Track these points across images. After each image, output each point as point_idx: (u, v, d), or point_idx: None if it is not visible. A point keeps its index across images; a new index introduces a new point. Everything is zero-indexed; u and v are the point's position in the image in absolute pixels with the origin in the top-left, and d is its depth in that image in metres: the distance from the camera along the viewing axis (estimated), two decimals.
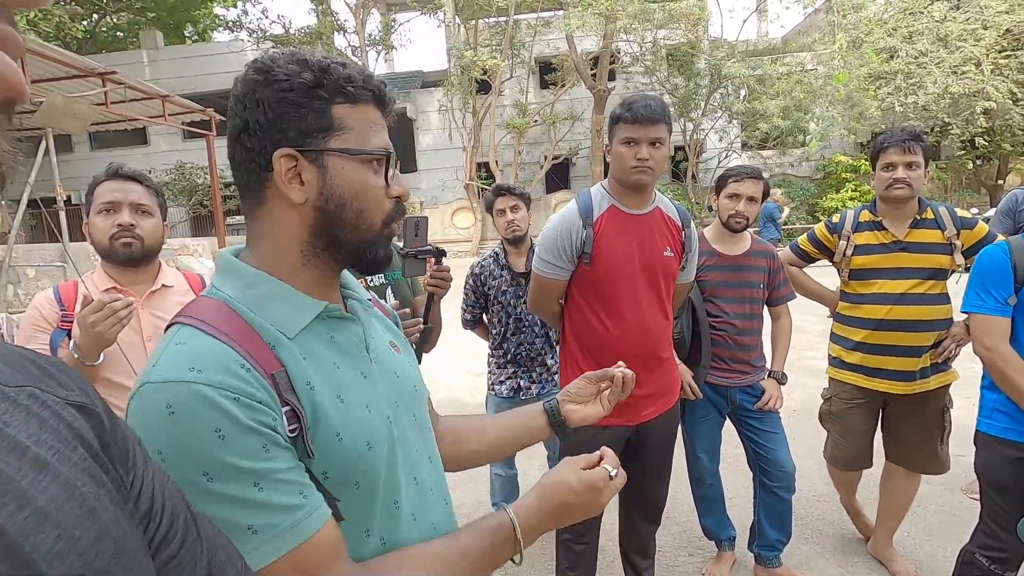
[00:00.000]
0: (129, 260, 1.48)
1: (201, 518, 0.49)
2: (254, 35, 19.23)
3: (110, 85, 7.23)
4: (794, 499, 2.33)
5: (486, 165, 19.09)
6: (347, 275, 0.83)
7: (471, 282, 2.64)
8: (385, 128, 0.75)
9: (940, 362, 2.17)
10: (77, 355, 1.32)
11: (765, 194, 2.26)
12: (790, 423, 2.66)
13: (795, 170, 17.50)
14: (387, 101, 0.75)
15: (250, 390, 0.60)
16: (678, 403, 2.03)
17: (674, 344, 2.05)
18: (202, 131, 10.53)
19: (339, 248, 0.73)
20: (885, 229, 2.18)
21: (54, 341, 1.43)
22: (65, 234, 6.56)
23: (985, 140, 14.88)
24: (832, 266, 2.37)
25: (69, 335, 1.42)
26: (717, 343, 2.26)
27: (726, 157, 17.10)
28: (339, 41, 19.77)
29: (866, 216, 2.24)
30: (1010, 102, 13.56)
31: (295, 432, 0.64)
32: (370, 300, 0.88)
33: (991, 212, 9.57)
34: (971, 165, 16.32)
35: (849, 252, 2.24)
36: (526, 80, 18.99)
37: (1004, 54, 13.64)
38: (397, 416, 0.77)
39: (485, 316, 2.71)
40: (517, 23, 18.66)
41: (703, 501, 2.46)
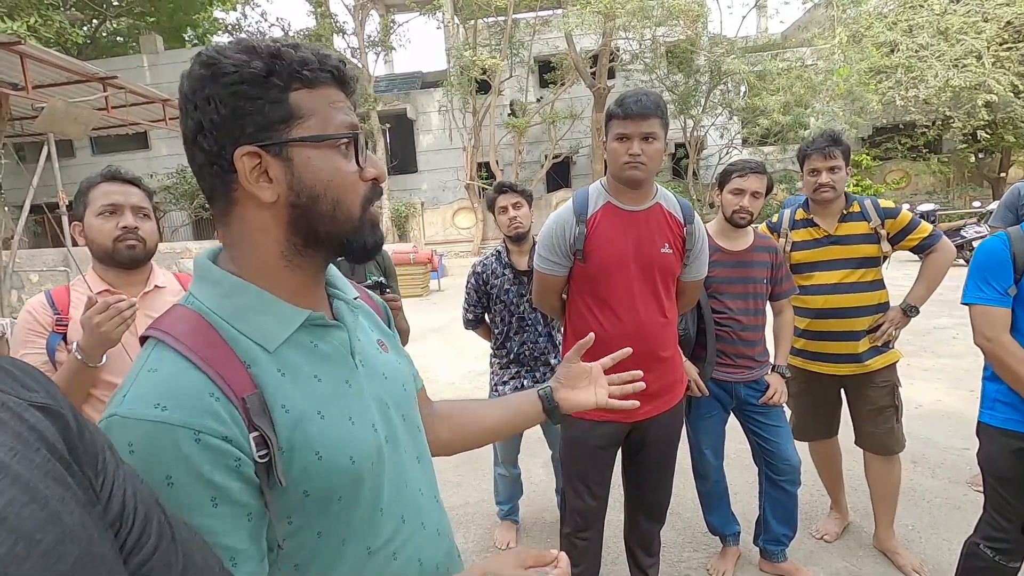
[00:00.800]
0: (132, 262, 1.49)
1: (177, 522, 0.48)
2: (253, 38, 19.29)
3: (111, 90, 7.25)
4: (799, 493, 2.33)
5: (487, 165, 19.12)
6: (334, 272, 0.80)
7: (473, 281, 2.61)
8: (351, 108, 0.70)
9: (879, 345, 2.31)
10: (80, 357, 1.32)
11: (769, 188, 2.23)
12: None
13: (796, 166, 17.42)
14: (348, 80, 0.69)
15: (214, 425, 0.58)
16: (682, 403, 2.01)
17: (679, 341, 2.03)
18: None
19: (321, 243, 0.69)
20: (817, 225, 2.36)
21: (50, 345, 1.43)
22: (68, 239, 6.59)
23: (987, 133, 14.82)
24: None
25: (64, 339, 1.43)
26: (721, 339, 2.26)
27: (727, 154, 17.08)
28: (338, 43, 19.81)
29: (800, 214, 2.42)
30: (1012, 95, 13.53)
31: (265, 458, 0.61)
32: (358, 298, 0.84)
33: (994, 205, 9.57)
34: (973, 158, 16.29)
35: (788, 248, 2.42)
36: (525, 80, 19.01)
37: (1005, 47, 13.61)
38: (386, 419, 0.76)
39: (487, 316, 2.69)
40: (516, 22, 18.68)
41: (707, 497, 2.46)
